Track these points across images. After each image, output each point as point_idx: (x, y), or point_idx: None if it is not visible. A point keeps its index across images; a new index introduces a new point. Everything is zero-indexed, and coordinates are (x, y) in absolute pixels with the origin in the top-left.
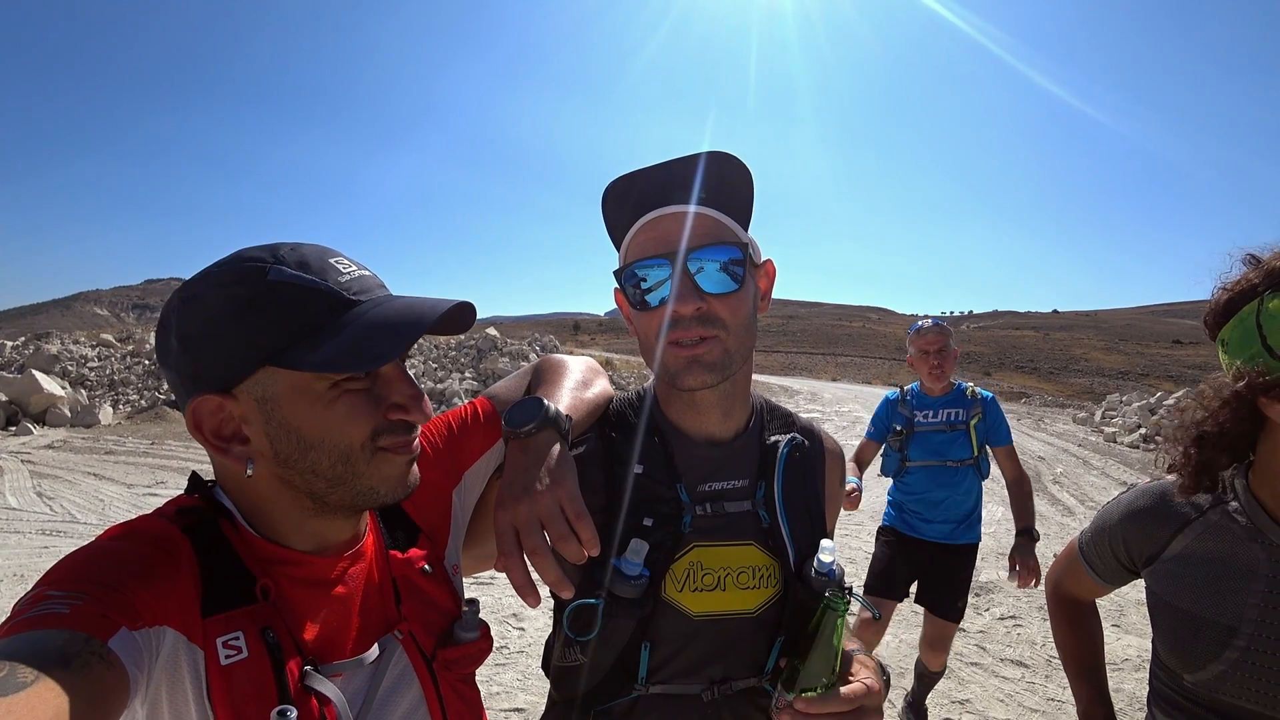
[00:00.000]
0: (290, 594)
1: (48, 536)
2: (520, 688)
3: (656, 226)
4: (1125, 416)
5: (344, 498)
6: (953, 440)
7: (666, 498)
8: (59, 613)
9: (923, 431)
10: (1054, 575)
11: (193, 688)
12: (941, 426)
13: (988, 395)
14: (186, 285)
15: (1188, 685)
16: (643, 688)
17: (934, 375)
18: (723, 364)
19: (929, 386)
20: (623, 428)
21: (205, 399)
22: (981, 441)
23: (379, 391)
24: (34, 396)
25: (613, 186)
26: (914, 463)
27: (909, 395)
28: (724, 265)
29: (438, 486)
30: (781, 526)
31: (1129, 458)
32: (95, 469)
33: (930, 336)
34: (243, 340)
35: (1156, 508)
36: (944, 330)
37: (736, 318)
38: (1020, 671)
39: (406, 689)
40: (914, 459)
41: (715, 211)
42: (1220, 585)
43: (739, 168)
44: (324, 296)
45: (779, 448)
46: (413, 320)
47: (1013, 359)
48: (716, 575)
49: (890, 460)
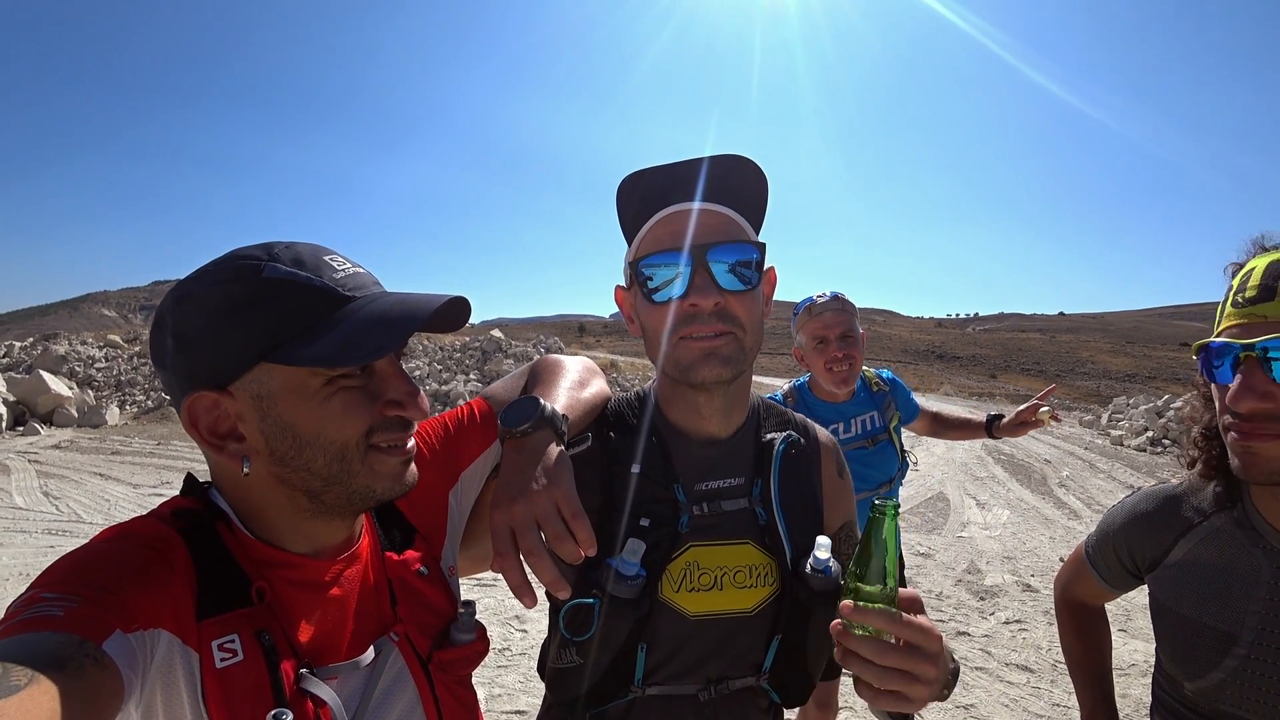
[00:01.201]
0: (286, 596)
1: (54, 536)
2: (522, 690)
3: (674, 221)
4: (1132, 419)
5: (339, 497)
6: (877, 455)
7: (664, 498)
8: (53, 615)
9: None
10: (1061, 580)
11: (188, 691)
12: (860, 441)
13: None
14: (181, 284)
15: (1188, 694)
16: (639, 689)
17: (837, 376)
18: (737, 359)
19: (830, 391)
20: (621, 428)
21: (201, 396)
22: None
23: (375, 388)
24: (41, 397)
25: (630, 179)
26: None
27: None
28: (740, 264)
29: (434, 488)
30: (778, 523)
31: (1136, 461)
32: (101, 469)
33: (829, 316)
34: (238, 337)
35: (1160, 512)
36: (846, 307)
37: (751, 317)
38: (1025, 676)
39: (402, 691)
40: None
41: (734, 212)
42: (1222, 592)
43: (757, 173)
44: (318, 293)
45: (775, 445)
46: (407, 315)
47: (1019, 361)
48: (713, 575)
49: None
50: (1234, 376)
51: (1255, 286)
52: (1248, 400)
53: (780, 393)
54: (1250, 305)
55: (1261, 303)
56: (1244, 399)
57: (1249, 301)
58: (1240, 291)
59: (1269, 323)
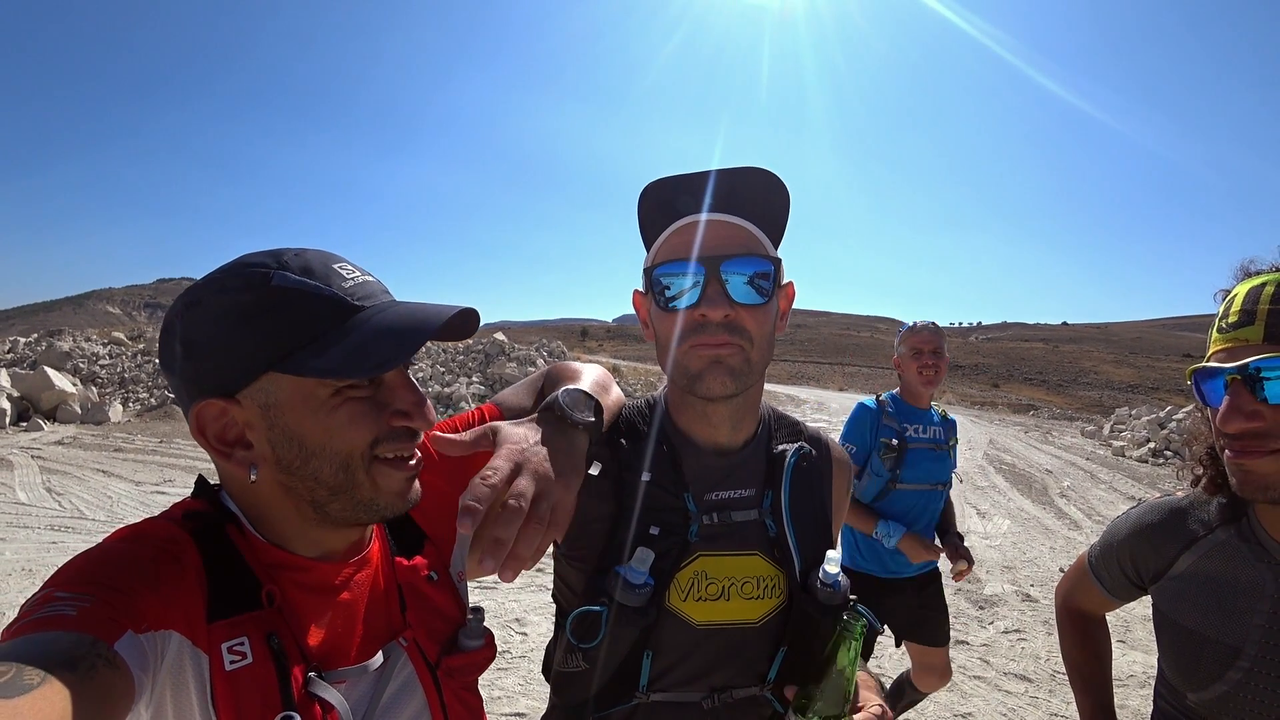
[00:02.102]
0: (295, 600)
1: (56, 532)
2: (522, 692)
3: (692, 231)
4: (1134, 430)
5: (344, 509)
6: (941, 460)
7: (674, 507)
8: (66, 615)
9: (916, 448)
10: (1064, 589)
11: (197, 693)
12: (930, 444)
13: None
14: (190, 291)
15: (1191, 705)
16: (643, 695)
17: (926, 379)
18: (743, 371)
19: (918, 392)
20: (632, 435)
21: (209, 404)
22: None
23: (382, 398)
24: (45, 393)
25: (653, 186)
26: (904, 485)
27: (890, 405)
28: (754, 278)
29: (443, 493)
30: (788, 536)
31: (1137, 472)
32: (104, 466)
33: (925, 335)
34: (247, 346)
35: (1164, 524)
36: (939, 331)
37: (761, 331)
38: (1024, 686)
39: (410, 696)
40: (905, 480)
41: (751, 225)
42: (1225, 605)
43: (779, 187)
44: (328, 302)
45: (786, 457)
46: (416, 326)
47: (1021, 371)
48: (721, 585)
49: (876, 482)
50: (1224, 399)
51: (1237, 311)
52: (1236, 421)
53: (874, 399)
54: (1233, 330)
55: (1243, 327)
56: (1232, 420)
57: (1232, 326)
58: (1224, 317)
59: (1251, 345)
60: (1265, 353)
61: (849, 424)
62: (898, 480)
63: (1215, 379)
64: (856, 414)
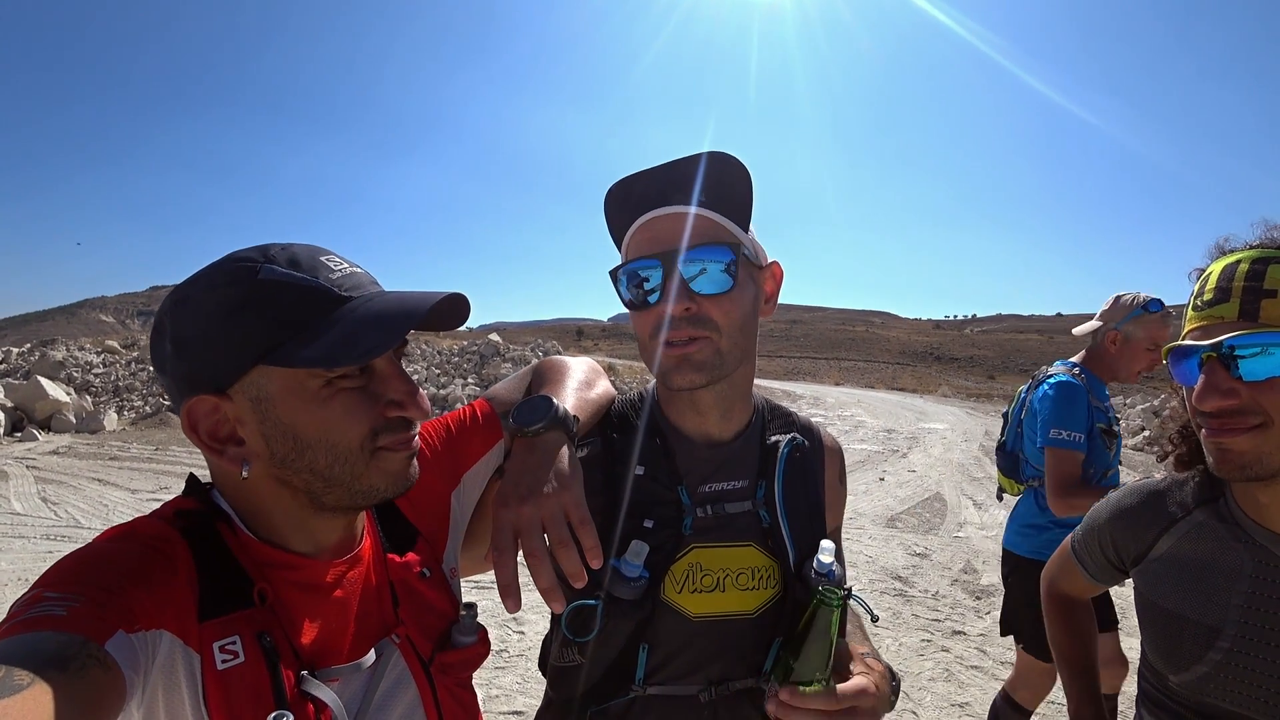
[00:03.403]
0: (287, 598)
1: (52, 542)
2: (519, 691)
3: (652, 227)
4: (1129, 419)
5: (340, 497)
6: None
7: (668, 499)
8: (56, 615)
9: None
10: (1048, 574)
11: (189, 692)
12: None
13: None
14: (179, 288)
15: (1173, 686)
16: (640, 688)
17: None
18: (713, 364)
19: (1123, 379)
20: (624, 428)
21: (200, 400)
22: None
23: (374, 389)
24: (39, 402)
25: (614, 188)
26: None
27: (1088, 378)
28: (715, 265)
29: (436, 489)
30: (782, 526)
31: (1133, 460)
32: (100, 474)
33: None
34: (235, 340)
35: (1143, 507)
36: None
37: (729, 319)
38: None
39: (403, 693)
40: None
41: (712, 212)
42: (1204, 586)
43: (737, 168)
44: (315, 293)
45: (779, 447)
46: (404, 313)
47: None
48: (716, 576)
49: (1099, 468)
50: (1199, 377)
51: (1212, 289)
52: (1211, 399)
53: (1072, 376)
54: (1209, 308)
55: (1218, 304)
56: (1208, 397)
57: (1207, 304)
58: (1199, 295)
59: (1226, 323)
60: (1240, 330)
61: (1061, 406)
62: (1112, 465)
63: (1191, 358)
64: (1066, 393)
